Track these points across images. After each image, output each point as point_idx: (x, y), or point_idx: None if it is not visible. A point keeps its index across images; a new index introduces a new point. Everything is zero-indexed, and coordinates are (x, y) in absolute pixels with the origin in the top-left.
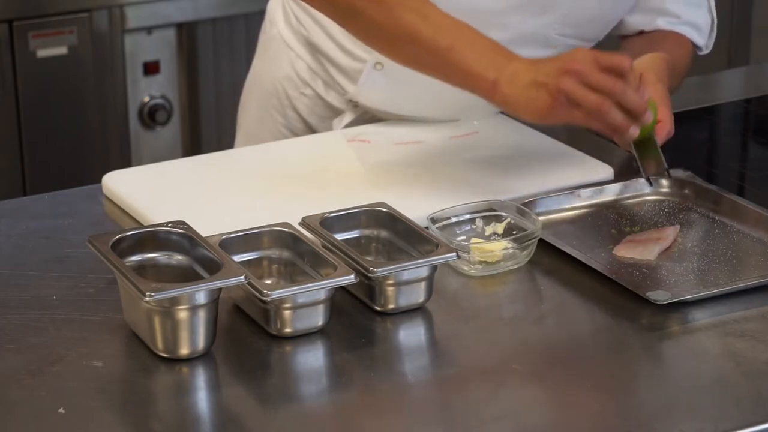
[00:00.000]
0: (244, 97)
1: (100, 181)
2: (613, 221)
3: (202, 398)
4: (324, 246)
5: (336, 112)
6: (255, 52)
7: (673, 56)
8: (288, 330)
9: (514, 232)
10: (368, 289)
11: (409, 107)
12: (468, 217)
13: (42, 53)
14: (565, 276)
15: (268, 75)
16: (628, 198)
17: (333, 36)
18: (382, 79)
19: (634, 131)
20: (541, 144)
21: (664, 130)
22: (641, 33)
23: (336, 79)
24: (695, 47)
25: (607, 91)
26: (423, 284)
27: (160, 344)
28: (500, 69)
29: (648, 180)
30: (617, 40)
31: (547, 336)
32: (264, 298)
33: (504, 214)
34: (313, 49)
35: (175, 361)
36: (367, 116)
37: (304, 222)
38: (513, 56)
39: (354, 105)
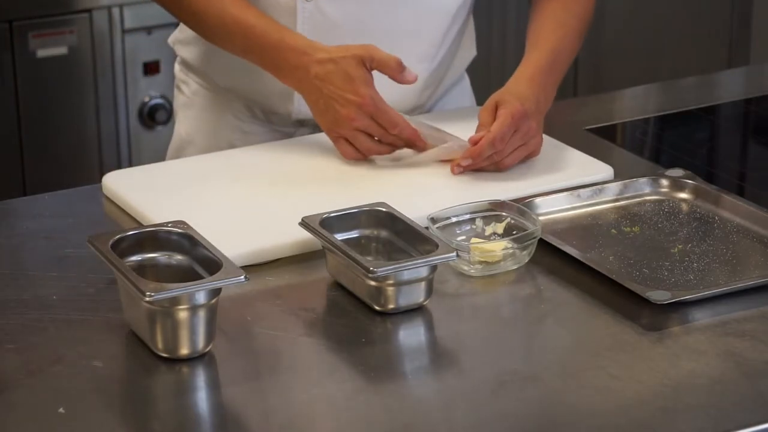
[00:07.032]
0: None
1: (100, 181)
2: (613, 221)
3: (202, 398)
4: (324, 246)
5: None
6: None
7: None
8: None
9: (514, 232)
10: (368, 289)
11: None
12: (468, 217)
13: (42, 53)
14: (565, 276)
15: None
16: (628, 198)
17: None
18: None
19: None
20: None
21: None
22: None
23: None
24: None
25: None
26: (423, 284)
27: (160, 344)
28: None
29: None
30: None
31: (547, 336)
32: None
33: (504, 214)
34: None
35: (175, 361)
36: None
37: (304, 222)
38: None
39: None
